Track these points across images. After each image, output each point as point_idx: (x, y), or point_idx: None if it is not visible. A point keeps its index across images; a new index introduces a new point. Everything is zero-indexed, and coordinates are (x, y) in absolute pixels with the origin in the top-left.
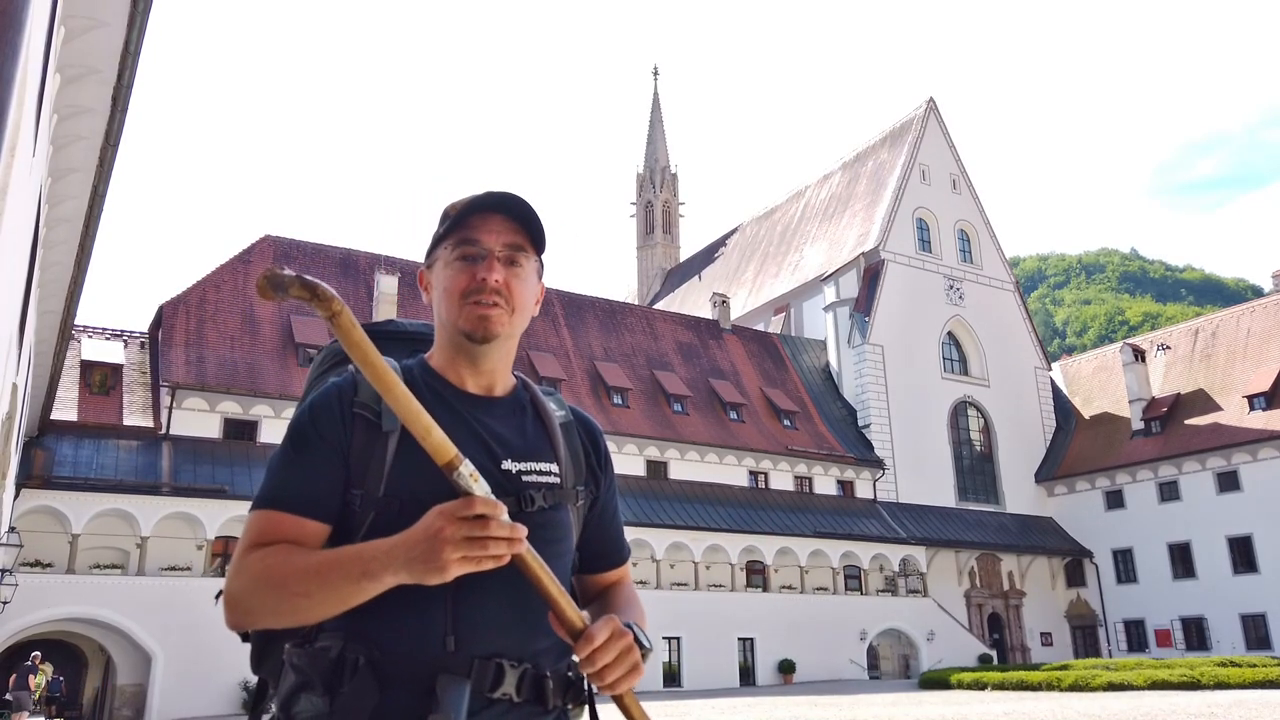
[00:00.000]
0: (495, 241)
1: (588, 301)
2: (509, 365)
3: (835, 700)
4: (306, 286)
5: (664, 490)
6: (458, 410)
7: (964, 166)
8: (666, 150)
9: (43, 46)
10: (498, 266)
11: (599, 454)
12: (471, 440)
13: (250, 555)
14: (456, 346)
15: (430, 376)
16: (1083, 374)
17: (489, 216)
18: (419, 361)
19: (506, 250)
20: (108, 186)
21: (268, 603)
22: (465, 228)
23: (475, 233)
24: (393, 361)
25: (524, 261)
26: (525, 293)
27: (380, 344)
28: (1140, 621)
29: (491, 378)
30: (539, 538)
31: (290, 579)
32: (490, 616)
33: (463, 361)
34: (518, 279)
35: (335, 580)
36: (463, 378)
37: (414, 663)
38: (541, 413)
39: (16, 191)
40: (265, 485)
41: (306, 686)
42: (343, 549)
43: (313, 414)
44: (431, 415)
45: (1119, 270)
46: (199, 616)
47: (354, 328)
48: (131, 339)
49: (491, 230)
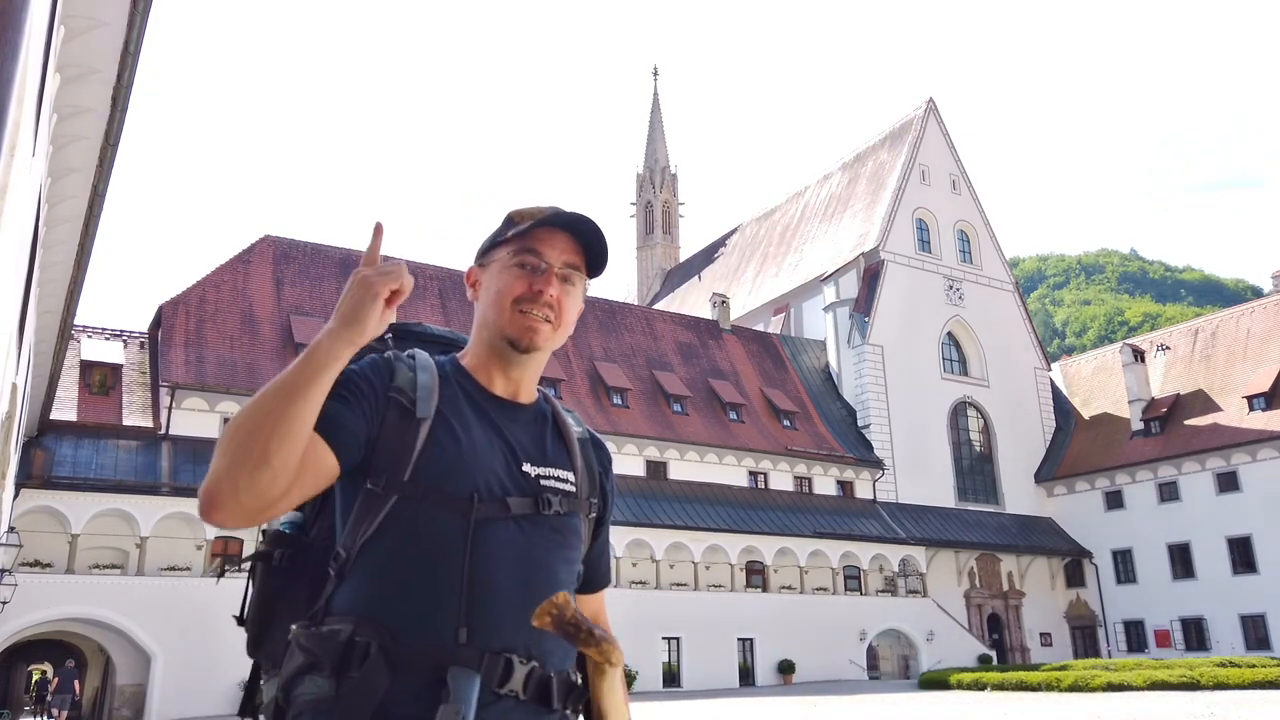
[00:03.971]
0: (557, 257)
1: (587, 301)
2: (538, 376)
3: (835, 700)
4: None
5: (664, 490)
6: (484, 410)
7: (964, 167)
8: (666, 150)
9: (43, 46)
10: (555, 282)
11: (607, 475)
12: (495, 438)
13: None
14: (494, 350)
15: (461, 375)
16: (1082, 374)
17: (556, 233)
18: (451, 360)
19: (565, 268)
20: (108, 186)
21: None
22: (530, 238)
23: (540, 245)
24: (426, 356)
25: (577, 281)
26: (572, 310)
27: (412, 343)
28: (1140, 622)
29: (519, 384)
30: (555, 540)
31: (255, 405)
32: (503, 612)
33: (496, 365)
34: (569, 297)
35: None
36: (492, 380)
37: (426, 652)
38: (561, 425)
39: (16, 191)
40: None
41: (313, 668)
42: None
43: (365, 369)
44: (460, 408)
45: (1119, 271)
46: (199, 616)
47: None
48: (131, 339)
49: (556, 246)
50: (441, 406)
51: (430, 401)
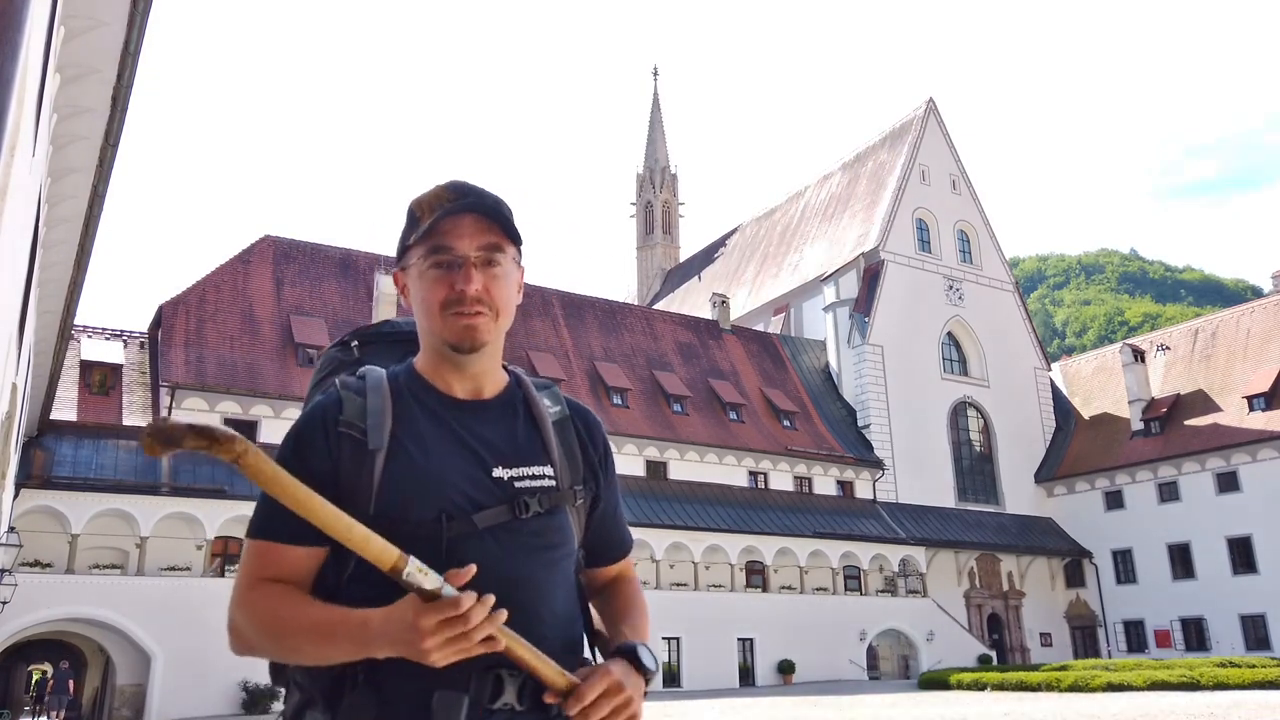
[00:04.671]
0: (469, 246)
1: (587, 302)
2: (497, 365)
3: (835, 700)
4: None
5: (664, 490)
6: (444, 419)
7: (964, 167)
8: (666, 150)
9: (43, 46)
10: (475, 275)
11: (597, 448)
12: (459, 449)
13: (253, 593)
14: (442, 356)
15: (417, 385)
16: (1082, 374)
17: (460, 219)
18: (406, 368)
19: (482, 252)
20: (108, 186)
21: (268, 647)
22: (436, 234)
23: (447, 239)
24: (378, 374)
25: (501, 260)
26: (506, 293)
27: (375, 348)
28: (1140, 622)
29: (479, 380)
30: (535, 545)
31: (289, 633)
32: None
33: (448, 369)
34: (496, 281)
35: (332, 647)
36: (450, 383)
37: (411, 678)
38: (534, 411)
39: (16, 191)
40: (256, 513)
41: (310, 704)
42: (344, 615)
43: (296, 444)
44: (418, 426)
45: (1119, 271)
46: (199, 616)
47: (263, 465)
48: (131, 339)
49: (463, 234)
50: (396, 430)
51: (383, 429)
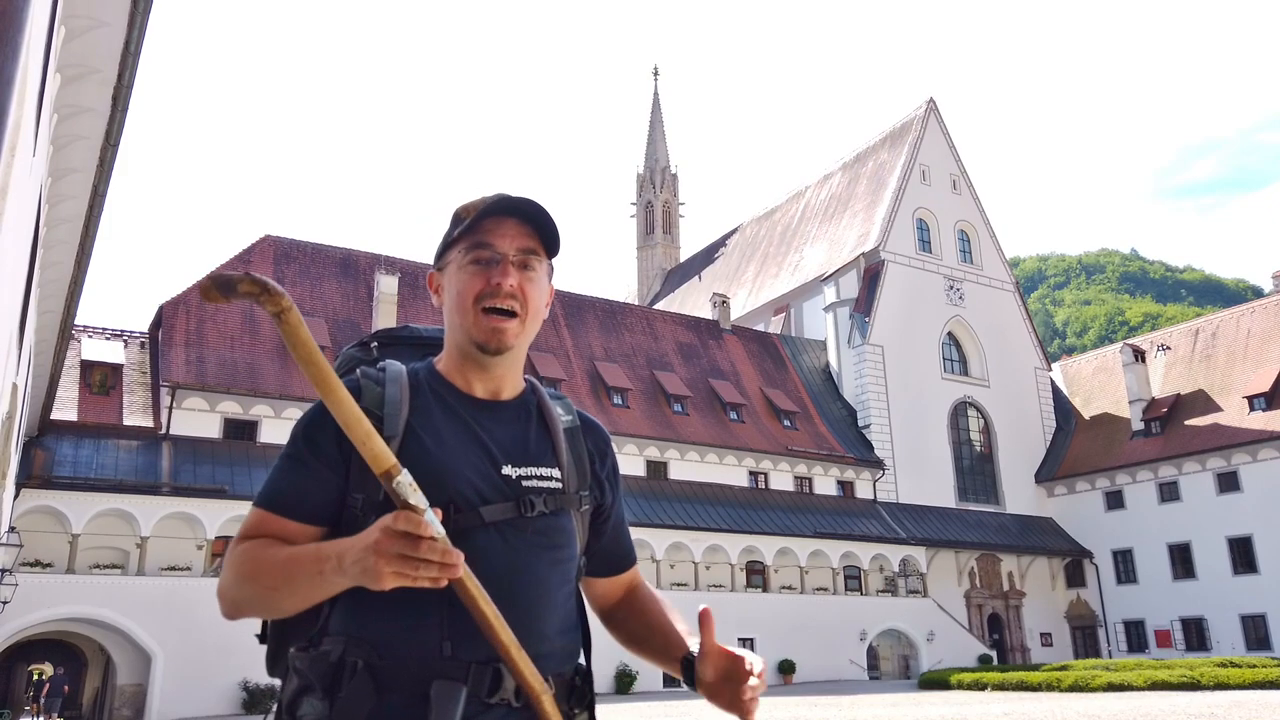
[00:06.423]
0: (509, 245)
1: (588, 302)
2: (518, 371)
3: (835, 700)
4: (256, 283)
5: (664, 490)
6: (460, 415)
7: (964, 167)
8: (666, 150)
9: (43, 46)
10: (512, 271)
11: (604, 463)
12: (471, 444)
13: (237, 548)
14: (466, 355)
15: (436, 381)
16: (1083, 374)
17: (503, 220)
18: (427, 366)
19: (520, 254)
20: (108, 186)
21: (246, 593)
22: (479, 231)
23: (489, 237)
24: (398, 368)
25: (537, 265)
26: (538, 297)
27: (394, 350)
28: (1140, 622)
29: (499, 383)
30: (539, 543)
31: (262, 572)
32: None
33: (471, 369)
34: (531, 283)
35: (296, 576)
36: (470, 383)
37: (411, 667)
38: (546, 417)
39: (16, 191)
40: (263, 486)
41: (308, 690)
42: (306, 547)
43: (306, 428)
44: (433, 419)
45: (1119, 271)
46: (199, 616)
47: (299, 327)
48: (131, 339)
49: (506, 234)
50: (412, 419)
51: (399, 417)
